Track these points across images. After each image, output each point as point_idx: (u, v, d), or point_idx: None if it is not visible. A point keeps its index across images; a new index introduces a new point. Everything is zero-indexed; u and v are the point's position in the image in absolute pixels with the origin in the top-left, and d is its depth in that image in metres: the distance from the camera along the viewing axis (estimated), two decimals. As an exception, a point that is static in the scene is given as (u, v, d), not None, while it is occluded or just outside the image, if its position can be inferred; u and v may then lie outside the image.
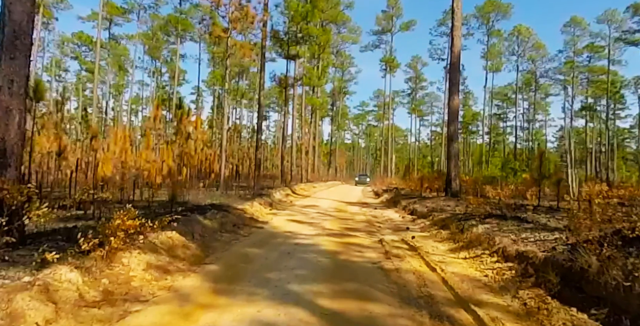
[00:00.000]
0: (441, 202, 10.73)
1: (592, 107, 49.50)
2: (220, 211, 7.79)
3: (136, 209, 8.61)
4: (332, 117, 58.01)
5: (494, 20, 41.62)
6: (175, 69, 54.92)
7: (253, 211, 9.43)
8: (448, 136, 12.17)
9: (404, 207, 12.06)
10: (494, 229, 5.90)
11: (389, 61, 42.08)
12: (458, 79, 12.01)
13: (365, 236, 7.27)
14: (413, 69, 56.88)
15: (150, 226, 4.15)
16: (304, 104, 33.18)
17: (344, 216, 10.59)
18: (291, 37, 21.18)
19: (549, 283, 3.61)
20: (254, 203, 10.51)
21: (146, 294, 3.38)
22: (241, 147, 34.73)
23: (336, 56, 48.11)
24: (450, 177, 11.64)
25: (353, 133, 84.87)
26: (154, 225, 4.19)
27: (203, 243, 5.54)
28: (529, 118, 58.37)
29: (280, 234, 7.07)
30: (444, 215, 8.45)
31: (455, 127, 11.96)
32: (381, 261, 5.14)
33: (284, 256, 5.26)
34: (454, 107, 11.84)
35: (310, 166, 35.12)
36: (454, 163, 11.64)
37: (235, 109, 54.58)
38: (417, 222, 9.13)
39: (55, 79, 56.23)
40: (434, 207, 10.02)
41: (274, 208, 11.41)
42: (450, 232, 6.97)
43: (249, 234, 6.91)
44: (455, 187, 11.63)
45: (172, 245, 4.76)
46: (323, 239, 6.68)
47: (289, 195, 16.90)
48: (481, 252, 5.25)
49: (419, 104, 62.43)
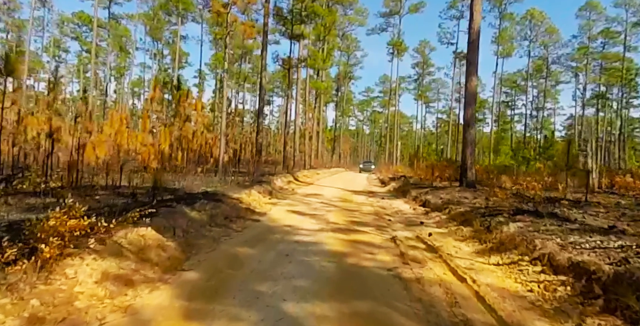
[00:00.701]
0: (456, 193, 9.82)
1: (605, 95, 48.04)
2: (212, 200, 6.92)
3: (119, 197, 7.78)
4: (337, 102, 56.88)
5: (507, 3, 39.97)
6: (177, 50, 53.67)
7: (250, 200, 8.56)
8: (464, 121, 11.18)
9: (414, 197, 11.16)
10: (529, 229, 5.00)
11: (396, 44, 40.66)
12: (477, 58, 10.96)
13: (375, 232, 6.40)
14: (420, 53, 55.43)
15: (105, 226, 3.26)
16: (308, 88, 32.08)
17: (350, 207, 9.72)
18: (295, 15, 20.01)
19: (627, 310, 2.73)
20: (252, 192, 9.64)
21: (91, 320, 2.52)
22: (243, 132, 33.83)
23: (342, 39, 46.74)
24: (466, 165, 10.70)
25: (357, 120, 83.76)
26: (109, 225, 3.31)
27: (186, 241, 4.68)
28: (538, 106, 57.02)
29: (279, 229, 6.21)
30: (463, 209, 7.55)
31: (472, 111, 10.93)
32: (397, 267, 4.27)
33: (281, 259, 4.40)
34: (471, 89, 10.81)
35: (313, 152, 34.21)
36: (469, 151, 10.68)
37: (238, 93, 53.46)
38: (432, 216, 8.24)
39: (54, 59, 55.19)
40: (449, 198, 9.13)
41: (273, 197, 10.54)
42: (473, 230, 6.08)
43: (243, 228, 6.04)
44: (470, 177, 10.70)
45: (143, 245, 3.89)
46: (327, 236, 5.82)
47: (290, 182, 16.04)
48: (518, 258, 4.37)
49: (425, 90, 61.11)
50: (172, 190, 9.36)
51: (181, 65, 57.73)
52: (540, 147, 26.29)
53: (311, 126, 35.72)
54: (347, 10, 40.39)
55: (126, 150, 16.60)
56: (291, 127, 31.76)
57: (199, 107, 20.22)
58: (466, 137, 10.81)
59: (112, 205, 6.33)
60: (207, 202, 6.60)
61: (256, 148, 16.90)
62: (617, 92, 49.44)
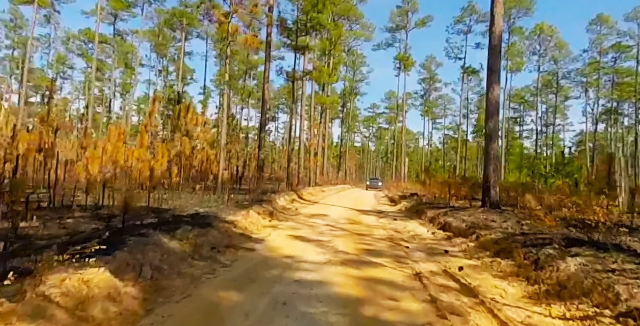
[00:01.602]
0: (480, 215, 8.70)
1: (617, 111, 46.91)
2: (200, 225, 5.87)
3: (94, 220, 6.74)
4: (343, 118, 56.24)
5: (516, 17, 39.38)
6: (180, 66, 53.60)
7: (247, 223, 7.50)
8: (486, 134, 10.10)
9: (430, 218, 10.04)
10: (596, 267, 3.89)
11: (403, 59, 39.99)
12: (499, 65, 9.99)
13: (393, 264, 5.30)
14: (427, 69, 54.93)
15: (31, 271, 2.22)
16: (313, 103, 31.30)
17: (360, 230, 8.62)
18: (300, 26, 19.30)
19: None
20: (250, 213, 8.58)
21: None
22: (248, 149, 32.99)
23: (347, 54, 46.29)
24: (489, 183, 9.57)
25: (363, 136, 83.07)
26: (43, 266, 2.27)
27: (153, 284, 3.61)
28: (547, 122, 55.92)
29: (277, 261, 5.12)
30: (494, 235, 6.43)
31: (495, 123, 9.85)
32: (432, 324, 3.17)
33: (276, 309, 3.32)
34: (493, 99, 9.77)
35: (319, 168, 33.19)
36: (492, 167, 9.57)
37: (242, 109, 52.90)
38: (456, 242, 7.12)
39: (59, 75, 55.25)
40: (473, 221, 8.01)
41: (274, 219, 9.47)
42: (514, 263, 4.97)
43: (233, 261, 4.96)
44: (494, 196, 9.56)
45: (86, 296, 2.83)
46: (336, 271, 4.73)
47: (294, 200, 14.97)
48: (593, 311, 3.25)
49: (432, 106, 60.42)
50: (160, 210, 8.35)
51: (186, 82, 57.58)
52: (556, 162, 25.09)
53: (316, 142, 34.81)
54: (352, 25, 39.99)
55: (122, 167, 15.65)
56: (296, 143, 30.89)
57: (201, 122, 19.41)
58: (489, 151, 9.71)
59: (77, 232, 5.31)
60: (192, 227, 5.54)
61: (258, 164, 15.90)
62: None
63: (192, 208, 9.09)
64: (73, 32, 48.89)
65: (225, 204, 10.38)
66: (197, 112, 27.59)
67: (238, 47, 41.67)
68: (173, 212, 8.11)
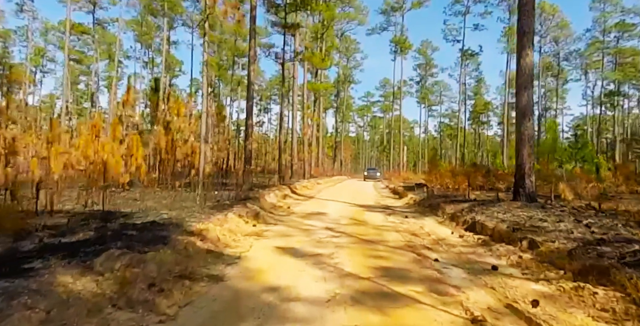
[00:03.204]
0: (518, 211, 6.93)
1: (620, 92, 45.27)
2: (144, 244, 4.05)
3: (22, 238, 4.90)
4: (337, 107, 54.36)
5: (516, -4, 37.45)
6: (168, 58, 51.40)
7: (221, 233, 5.66)
8: (517, 110, 8.22)
9: (451, 216, 8.26)
10: None
11: (400, 42, 37.92)
12: (532, 25, 8.12)
13: (428, 296, 3.53)
14: (423, 54, 53.00)
15: None
16: (306, 90, 29.35)
17: (367, 234, 6.83)
18: (289, 1, 17.25)
19: None
20: (228, 216, 6.77)
21: None
22: (241, 142, 31.03)
23: (341, 40, 44.24)
24: (523, 170, 7.73)
25: (357, 126, 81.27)
26: None
27: None
28: (545, 106, 54.33)
29: (253, 302, 3.30)
30: (560, 244, 4.65)
31: (529, 96, 7.95)
32: None
33: None
34: (526, 67, 7.89)
35: (313, 160, 31.35)
36: (526, 151, 7.73)
37: (234, 102, 50.77)
38: (499, 251, 5.31)
39: (39, 69, 52.78)
40: (515, 220, 6.24)
41: (260, 222, 7.64)
42: (622, 295, 3.20)
43: (181, 308, 3.12)
44: (529, 187, 7.71)
45: None
46: (348, 316, 2.94)
47: (287, 196, 13.17)
48: None
49: (428, 93, 58.57)
50: (114, 217, 6.52)
51: (174, 74, 55.39)
52: (570, 147, 23.43)
53: (310, 132, 32.90)
54: (345, 8, 37.92)
55: (94, 163, 13.98)
56: (289, 134, 28.97)
57: (182, 112, 17.43)
58: (522, 131, 7.86)
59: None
60: (127, 250, 3.71)
61: (245, 156, 13.99)
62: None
63: (160, 212, 7.29)
64: (53, 23, 46.46)
65: (202, 205, 8.56)
66: (182, 102, 25.54)
67: (226, 36, 39.51)
68: (127, 219, 6.28)
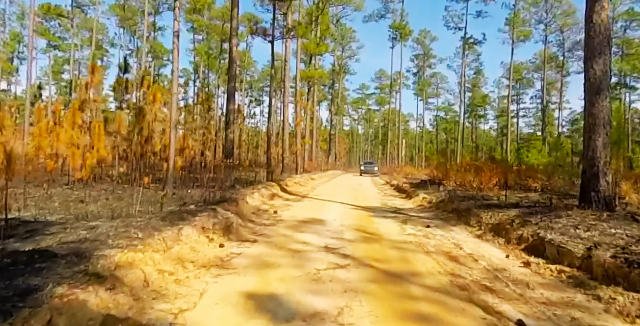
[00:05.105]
0: (604, 225, 4.79)
1: (627, 84, 43.50)
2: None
3: None
4: (331, 99, 52.06)
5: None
6: (155, 45, 48.77)
7: (156, 268, 3.45)
8: (588, 84, 5.94)
9: (492, 227, 6.12)
10: None
11: (399, 27, 35.62)
12: (610, -33, 6.05)
13: None
14: (421, 44, 50.86)
15: None
16: (299, 78, 27.04)
17: (387, 259, 4.67)
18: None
19: None
20: (182, 232, 4.55)
21: None
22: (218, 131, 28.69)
23: (336, 27, 41.86)
24: (597, 167, 5.51)
25: (352, 119, 79.05)
26: None
27: None
28: (547, 99, 52.52)
29: None
30: None
31: (605, 65, 5.68)
32: None
33: None
34: (602, 24, 5.64)
35: (307, 153, 29.12)
36: (602, 140, 5.56)
37: (224, 93, 48.23)
38: (614, 301, 3.19)
39: (16, 56, 49.75)
40: (611, 241, 4.11)
41: (232, 238, 5.43)
42: None
43: None
44: (605, 189, 5.55)
45: None
46: None
47: (275, 196, 10.96)
48: None
49: (425, 85, 56.49)
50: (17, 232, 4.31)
51: (162, 63, 52.68)
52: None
53: (304, 124, 30.62)
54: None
55: (49, 155, 11.84)
56: (281, 126, 26.71)
57: (159, 97, 15.05)
58: (594, 113, 5.61)
59: None
60: None
61: (225, 148, 11.71)
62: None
63: (89, 223, 5.06)
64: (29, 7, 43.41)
65: (159, 210, 6.33)
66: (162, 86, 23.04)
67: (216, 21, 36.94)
68: (21, 241, 4.06)
